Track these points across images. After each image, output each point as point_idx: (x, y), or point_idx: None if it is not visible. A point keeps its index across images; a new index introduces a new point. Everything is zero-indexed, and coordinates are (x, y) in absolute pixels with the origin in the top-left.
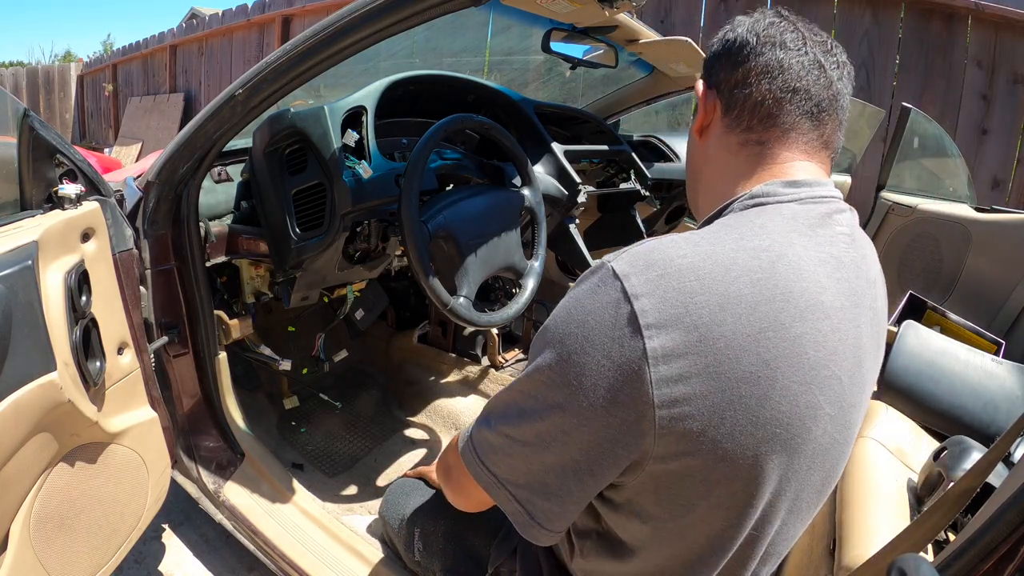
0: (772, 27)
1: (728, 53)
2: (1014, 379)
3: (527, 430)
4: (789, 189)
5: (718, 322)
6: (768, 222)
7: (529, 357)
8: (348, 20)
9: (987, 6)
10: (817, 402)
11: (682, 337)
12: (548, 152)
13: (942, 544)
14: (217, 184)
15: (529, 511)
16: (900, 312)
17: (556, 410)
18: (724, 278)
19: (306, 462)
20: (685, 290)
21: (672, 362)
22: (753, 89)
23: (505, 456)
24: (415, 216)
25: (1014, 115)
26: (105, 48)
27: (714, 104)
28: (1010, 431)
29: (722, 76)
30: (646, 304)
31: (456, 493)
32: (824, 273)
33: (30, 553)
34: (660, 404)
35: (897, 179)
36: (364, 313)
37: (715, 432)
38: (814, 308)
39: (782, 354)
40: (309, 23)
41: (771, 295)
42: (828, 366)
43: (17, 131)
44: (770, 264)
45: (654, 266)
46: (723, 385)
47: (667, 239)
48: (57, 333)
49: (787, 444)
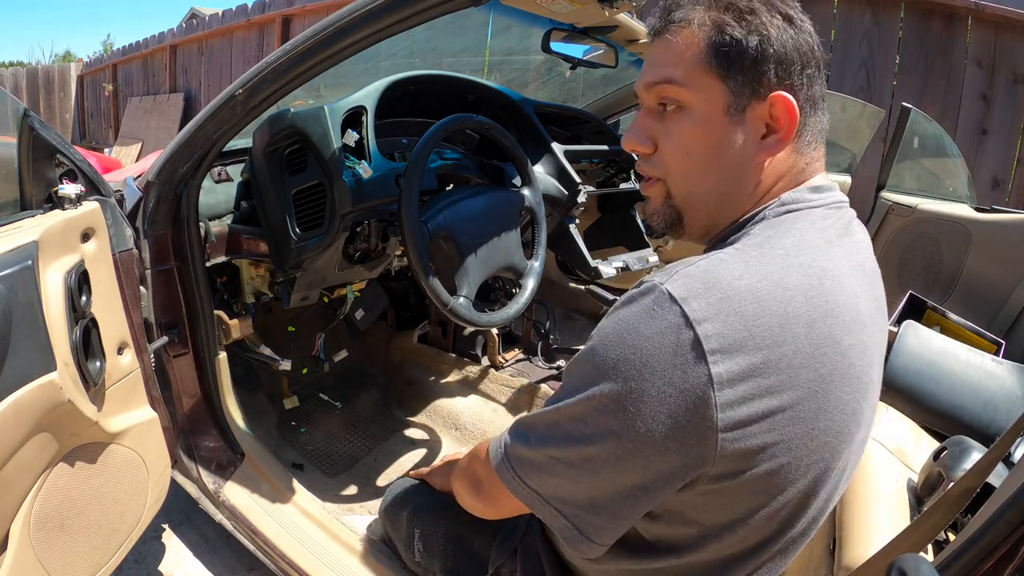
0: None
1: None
2: (1014, 379)
3: (575, 453)
4: (815, 195)
5: (779, 342)
6: (804, 234)
7: (570, 378)
8: (348, 20)
9: (987, 6)
10: (860, 408)
11: (747, 360)
12: (548, 152)
13: (942, 544)
14: (217, 184)
15: (579, 526)
16: (900, 312)
17: (610, 436)
18: (781, 298)
19: (306, 462)
20: (747, 313)
21: (737, 385)
22: (820, 109)
23: (550, 476)
24: (415, 216)
25: (1014, 115)
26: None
27: (794, 115)
28: (1010, 431)
29: (802, 93)
30: (709, 329)
31: (487, 505)
32: (857, 283)
33: (30, 553)
34: (724, 428)
35: (897, 179)
36: (364, 313)
37: (774, 448)
38: (857, 320)
39: (836, 367)
40: (309, 23)
41: (824, 311)
42: (868, 373)
43: (17, 131)
44: (818, 280)
45: (713, 289)
46: (784, 403)
47: (716, 259)
48: (57, 333)
49: (835, 451)
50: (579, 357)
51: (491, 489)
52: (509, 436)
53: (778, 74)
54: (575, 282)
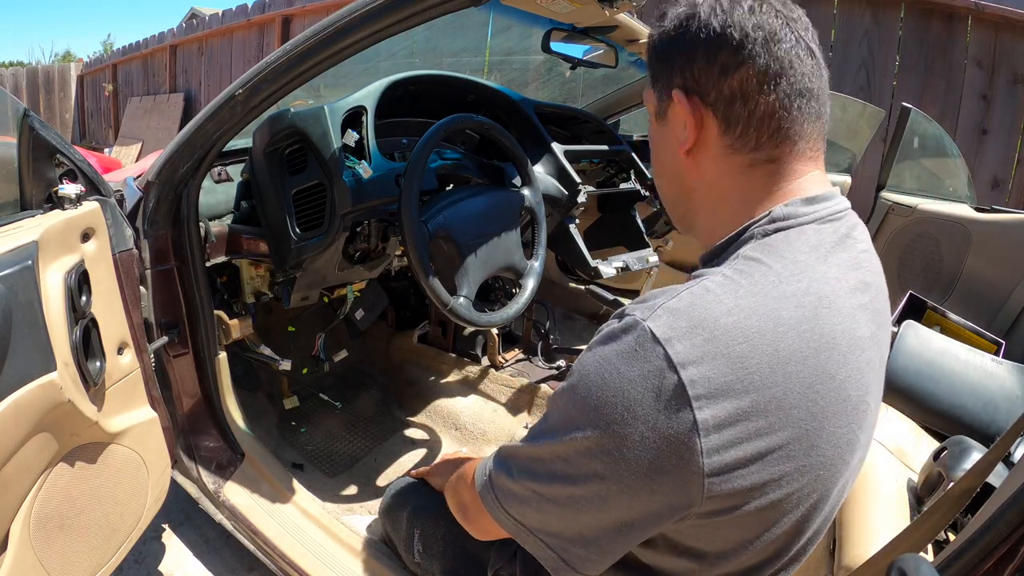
0: (754, 15)
1: (710, 52)
2: (1014, 379)
3: (558, 491)
4: (809, 207)
5: (769, 384)
6: (798, 255)
7: (553, 413)
8: (348, 20)
9: (987, 6)
10: (855, 436)
11: (735, 405)
12: (548, 152)
13: (942, 544)
14: (217, 184)
15: (564, 558)
16: (900, 312)
17: (594, 479)
18: (772, 335)
19: (306, 462)
20: (735, 355)
21: (724, 431)
22: (758, 100)
23: (534, 511)
24: (415, 216)
25: (1014, 115)
26: (105, 48)
27: (702, 117)
28: (1010, 431)
29: (708, 84)
30: (694, 373)
31: (476, 530)
32: (856, 304)
33: (30, 553)
34: (710, 473)
35: (897, 179)
36: (364, 313)
37: (764, 488)
38: (853, 347)
39: (829, 403)
40: (309, 23)
41: (818, 346)
42: (865, 400)
43: (17, 131)
44: (813, 312)
45: (698, 328)
46: (774, 444)
47: (701, 291)
48: (57, 333)
49: (830, 481)
50: (562, 393)
51: (476, 515)
52: (493, 464)
53: (680, 70)
54: (575, 282)
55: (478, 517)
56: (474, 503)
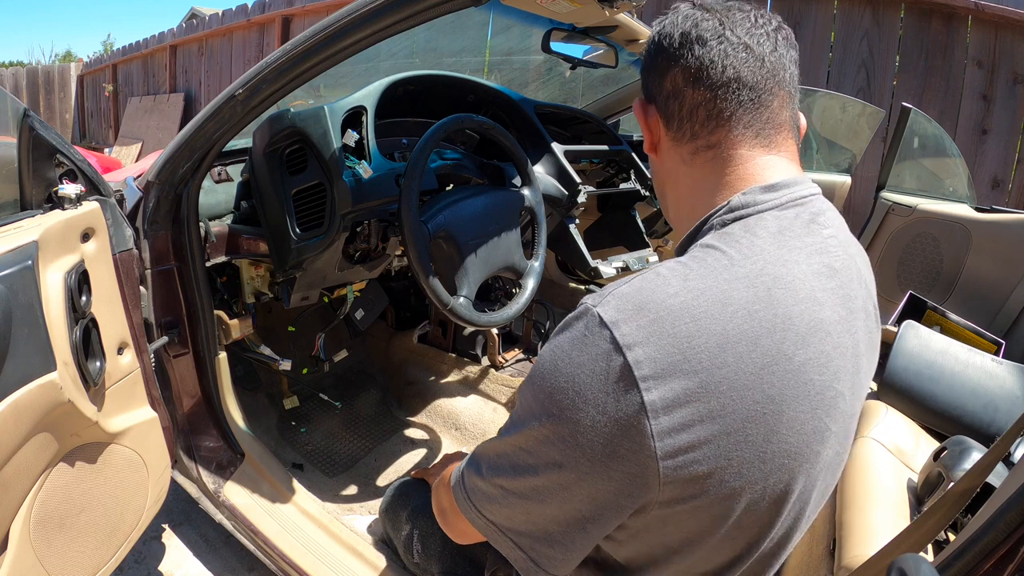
0: (687, 23)
1: (653, 62)
2: (1014, 379)
3: (522, 484)
4: (768, 195)
5: (719, 364)
6: (756, 240)
7: (518, 402)
8: (348, 20)
9: (987, 6)
10: (824, 425)
11: (682, 385)
12: (548, 152)
13: (942, 544)
14: (217, 184)
15: (533, 558)
16: (900, 312)
17: (553, 467)
18: (721, 315)
19: (306, 462)
20: (681, 334)
21: (673, 412)
22: (684, 96)
23: (502, 506)
24: (415, 216)
25: (1014, 115)
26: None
27: (655, 119)
28: (1010, 431)
29: (654, 87)
30: (640, 354)
31: (454, 533)
32: (820, 287)
33: (30, 553)
34: (664, 455)
35: (897, 179)
36: (364, 313)
37: (722, 474)
38: (815, 330)
39: (787, 386)
40: (309, 23)
41: (771, 326)
42: (832, 386)
43: (17, 131)
44: (766, 291)
45: (644, 310)
46: (728, 427)
47: (653, 275)
48: (57, 333)
49: (796, 471)
50: (524, 385)
51: (453, 517)
52: (466, 465)
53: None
54: (575, 282)
55: (455, 519)
56: (451, 505)
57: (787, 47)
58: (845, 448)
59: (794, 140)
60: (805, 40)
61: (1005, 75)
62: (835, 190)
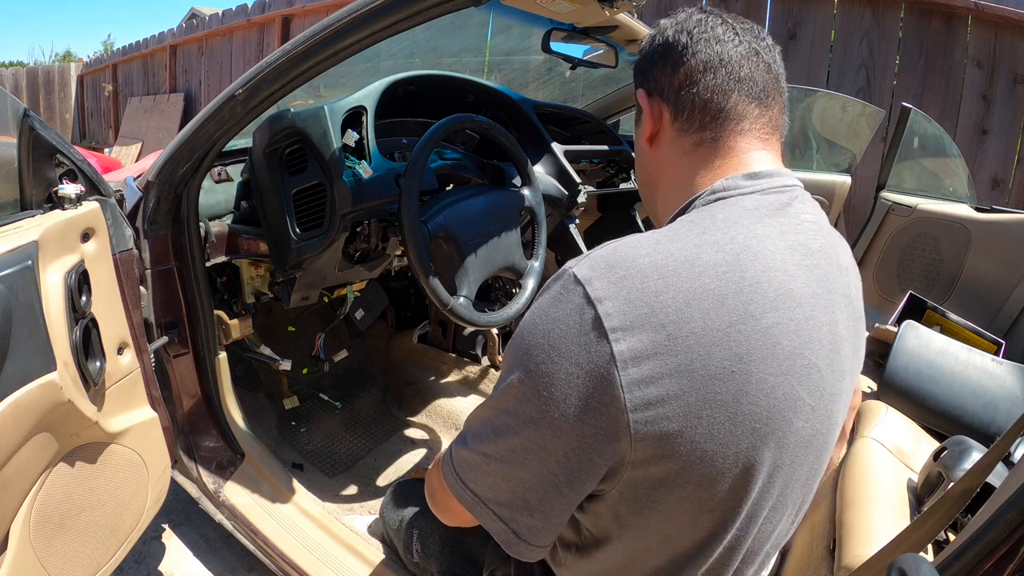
0: (701, 24)
1: (664, 56)
2: (1014, 379)
3: (502, 446)
4: (750, 181)
5: (685, 319)
6: (731, 214)
7: (501, 371)
8: (348, 20)
9: (987, 6)
10: (796, 393)
11: (649, 337)
12: (548, 152)
13: (942, 544)
14: (217, 184)
15: (513, 529)
16: (900, 312)
17: (529, 424)
18: (688, 273)
19: (306, 462)
20: (649, 289)
21: (642, 364)
22: (699, 87)
23: (483, 474)
24: (415, 216)
25: (1014, 115)
26: (105, 48)
27: (660, 110)
28: (1010, 431)
29: (663, 80)
30: (610, 307)
31: (442, 512)
32: (792, 261)
33: (30, 553)
34: (633, 408)
35: (897, 179)
36: (364, 313)
37: (692, 432)
38: (784, 297)
39: (755, 346)
40: (309, 23)
41: (738, 287)
42: (804, 355)
43: (17, 131)
44: (735, 256)
45: (616, 267)
46: (696, 383)
47: (629, 239)
48: (57, 333)
49: (768, 439)
50: (507, 349)
51: (442, 496)
52: (454, 441)
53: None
54: None
55: (443, 497)
56: (439, 483)
57: (782, 63)
58: (826, 427)
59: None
60: (805, 40)
61: (1005, 75)
62: (835, 190)
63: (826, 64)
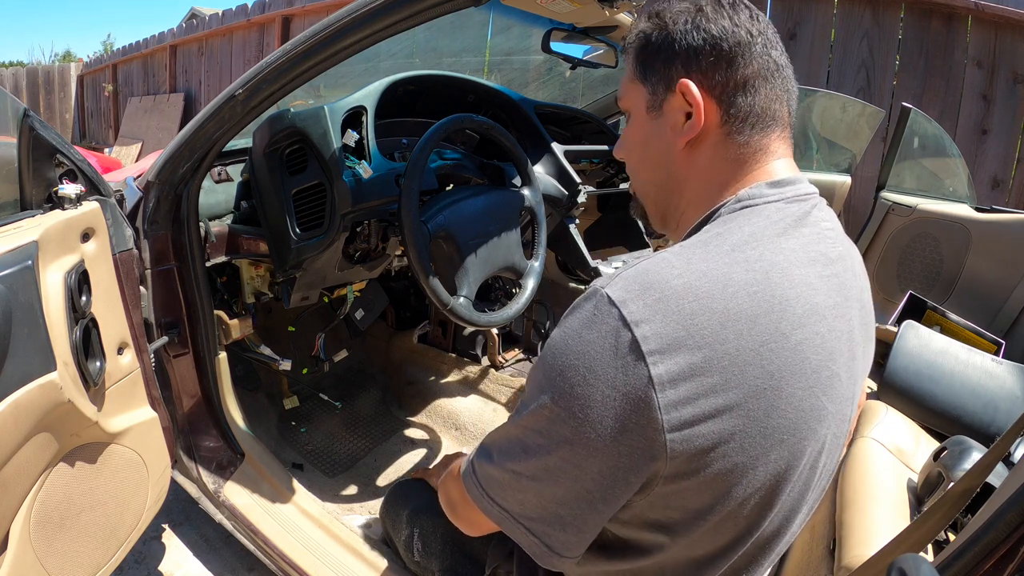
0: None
1: (721, 51)
2: (1014, 379)
3: (534, 465)
4: (773, 190)
5: (721, 340)
6: (756, 228)
7: (528, 387)
8: (348, 20)
9: (987, 6)
10: (821, 403)
11: (687, 360)
12: (548, 152)
13: (942, 544)
14: (217, 184)
15: (546, 543)
16: (900, 312)
17: (564, 444)
18: (722, 295)
19: (306, 462)
20: (685, 312)
21: (679, 385)
22: (758, 94)
23: (514, 491)
24: (415, 216)
25: (1014, 115)
26: (105, 48)
27: (708, 110)
28: (1010, 431)
29: (716, 76)
30: (647, 330)
31: (465, 524)
32: (815, 273)
33: (30, 553)
34: (670, 428)
35: (897, 179)
36: (364, 313)
37: (725, 447)
38: (810, 312)
39: (785, 363)
40: (309, 23)
41: (769, 306)
42: (828, 366)
43: (17, 131)
44: (764, 275)
45: (650, 289)
46: (731, 401)
47: (659, 258)
48: (57, 333)
49: (795, 448)
50: (533, 368)
51: (464, 509)
52: (476, 454)
53: (685, 64)
54: (575, 282)
55: (466, 510)
56: (461, 496)
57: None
58: (842, 431)
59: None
60: (805, 40)
61: (1005, 75)
62: (835, 190)
63: (826, 64)
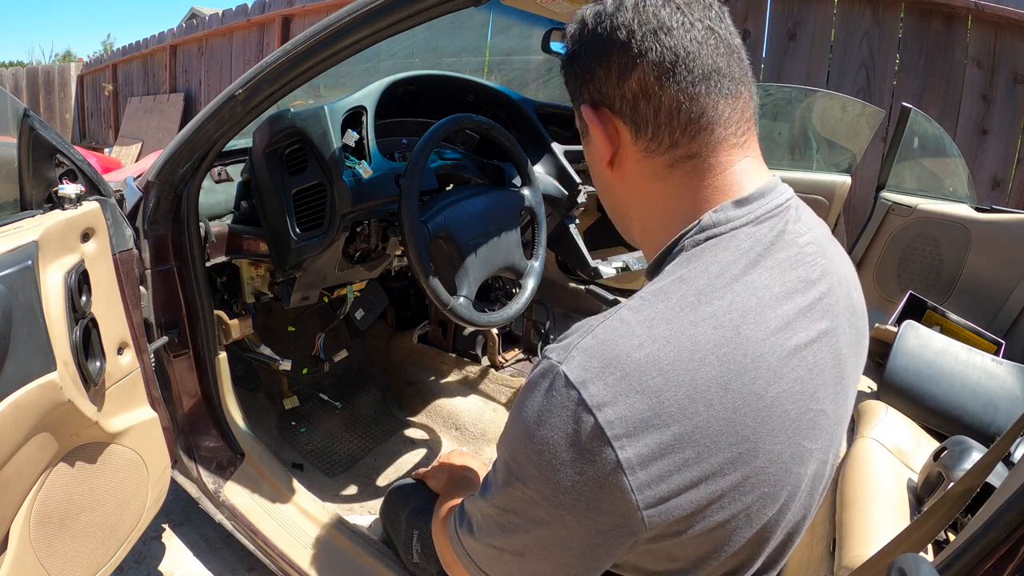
0: (637, 10)
1: (604, 59)
2: (1014, 379)
3: (514, 542)
4: (741, 210)
5: (690, 415)
6: (723, 265)
7: (498, 463)
8: (348, 20)
9: (987, 6)
10: (803, 448)
11: (656, 439)
12: (548, 152)
13: (942, 544)
14: (217, 184)
15: None
16: (900, 312)
17: (540, 525)
18: (689, 365)
19: (306, 462)
20: (650, 389)
21: (650, 466)
22: (660, 96)
23: (500, 564)
24: (415, 216)
25: (1014, 115)
26: (105, 48)
27: (615, 127)
28: (1010, 431)
29: (610, 91)
30: (610, 414)
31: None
32: (793, 308)
33: (30, 553)
34: (646, 506)
35: (897, 179)
36: (364, 313)
37: (705, 511)
38: (788, 359)
39: (762, 424)
40: (309, 23)
41: (741, 368)
42: (811, 407)
43: (17, 131)
44: (734, 331)
45: (611, 367)
46: (705, 472)
47: (616, 323)
48: (57, 333)
49: (777, 496)
50: (500, 443)
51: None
52: (459, 522)
53: (582, 83)
54: (575, 282)
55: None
56: (455, 564)
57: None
58: (831, 455)
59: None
60: (805, 40)
61: (1005, 75)
62: (835, 190)
63: (826, 64)
